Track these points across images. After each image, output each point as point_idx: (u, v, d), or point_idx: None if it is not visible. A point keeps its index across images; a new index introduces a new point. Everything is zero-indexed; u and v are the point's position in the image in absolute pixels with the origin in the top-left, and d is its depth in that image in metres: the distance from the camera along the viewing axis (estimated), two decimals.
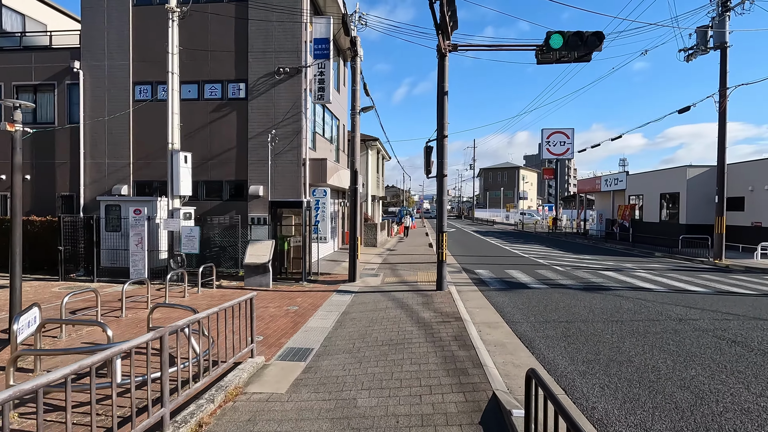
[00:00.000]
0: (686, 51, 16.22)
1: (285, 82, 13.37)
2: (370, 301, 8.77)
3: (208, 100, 13.73)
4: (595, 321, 6.93)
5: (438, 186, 9.69)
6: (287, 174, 13.40)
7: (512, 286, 10.32)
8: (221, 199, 13.79)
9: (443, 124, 9.54)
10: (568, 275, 12.09)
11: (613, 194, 30.31)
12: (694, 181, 22.37)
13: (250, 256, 10.83)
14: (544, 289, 9.86)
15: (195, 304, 8.59)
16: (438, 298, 8.83)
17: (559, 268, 13.57)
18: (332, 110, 17.43)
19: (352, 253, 11.41)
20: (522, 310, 7.83)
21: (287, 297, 9.46)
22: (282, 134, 13.37)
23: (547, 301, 8.58)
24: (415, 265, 14.33)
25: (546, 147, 38.96)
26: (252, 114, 13.46)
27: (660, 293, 9.44)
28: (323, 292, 9.97)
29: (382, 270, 13.53)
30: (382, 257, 16.99)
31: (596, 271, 13.10)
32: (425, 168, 10.32)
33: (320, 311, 8.07)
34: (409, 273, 12.69)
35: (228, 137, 13.64)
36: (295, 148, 13.36)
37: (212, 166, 13.73)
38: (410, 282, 11.06)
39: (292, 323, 7.24)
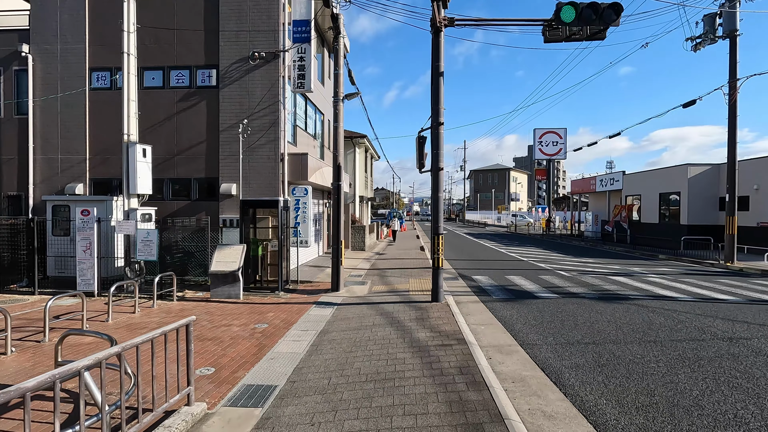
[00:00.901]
0: (693, 40, 15.23)
1: (261, 68, 11.99)
2: (355, 316, 7.42)
3: (175, 88, 12.28)
4: (629, 342, 5.68)
5: (432, 181, 8.41)
6: (263, 171, 11.99)
7: (518, 296, 9.06)
8: (190, 199, 12.33)
9: (438, 110, 8.27)
10: (576, 281, 10.88)
11: (608, 195, 29.42)
12: (696, 180, 21.46)
13: (217, 263, 9.41)
14: (554, 299, 8.61)
15: (141, 324, 7.15)
16: (434, 311, 7.51)
17: (564, 273, 12.37)
18: (316, 103, 16.08)
19: (335, 259, 10.05)
20: (535, 327, 6.55)
21: (257, 311, 8.06)
22: (258, 126, 11.97)
23: (563, 314, 7.32)
24: (406, 272, 13.02)
25: (538, 147, 38.00)
26: (224, 104, 12.04)
27: (686, 302, 8.26)
28: (301, 305, 8.59)
29: (370, 277, 12.19)
30: (370, 262, 15.65)
31: (605, 276, 11.92)
32: (418, 161, 9.04)
33: (294, 330, 6.70)
34: (400, 280, 11.37)
35: (197, 130, 12.20)
36: (272, 141, 11.97)
37: (179, 162, 12.27)
38: (401, 291, 9.74)
39: (257, 347, 5.85)
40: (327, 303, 8.73)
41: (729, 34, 14.55)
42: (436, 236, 8.22)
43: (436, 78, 8.27)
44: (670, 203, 23.03)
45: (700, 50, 15.09)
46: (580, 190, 35.07)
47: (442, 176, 8.33)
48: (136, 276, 9.95)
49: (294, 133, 13.62)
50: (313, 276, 12.18)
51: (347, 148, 21.75)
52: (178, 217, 12.00)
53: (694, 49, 15.26)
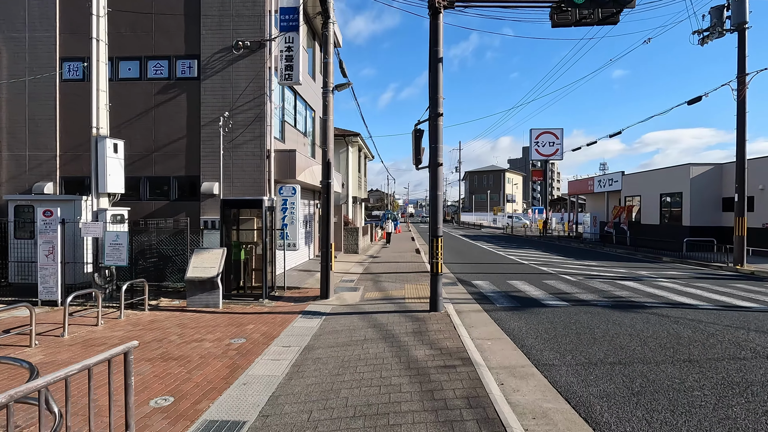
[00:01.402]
0: (700, 33, 14.61)
1: (245, 58, 11.17)
2: (344, 329, 6.61)
3: (153, 79, 11.42)
4: (659, 361, 4.92)
5: (431, 178, 7.62)
6: (248, 168, 11.16)
7: (524, 304, 8.29)
8: (168, 199, 11.46)
9: (437, 99, 7.49)
10: (584, 287, 10.14)
11: (607, 195, 28.85)
12: (698, 180, 20.86)
13: (193, 269, 8.56)
14: (564, 308, 7.85)
15: (101, 339, 6.29)
16: (433, 323, 6.72)
17: (569, 278, 11.63)
18: (306, 99, 15.27)
19: (324, 264, 9.24)
20: (549, 342, 5.77)
21: (236, 323, 7.22)
22: (242, 121, 11.14)
23: (577, 326, 6.55)
24: (401, 276, 12.22)
25: (535, 148, 37.47)
26: (205, 96, 11.20)
27: (709, 311, 7.53)
28: (285, 315, 7.77)
29: (363, 282, 11.38)
30: (363, 266, 14.84)
31: (613, 281, 11.20)
32: (414, 157, 8.25)
33: (274, 346, 5.88)
34: (395, 286, 10.58)
35: (177, 124, 11.34)
36: (258, 137, 11.14)
37: (158, 159, 11.40)
38: (396, 299, 8.94)
39: (229, 368, 5.03)
40: (314, 312, 7.91)
41: (738, 26, 13.94)
42: (435, 239, 7.44)
43: (435, 64, 7.50)
44: (672, 204, 22.43)
45: (707, 44, 14.47)
46: (577, 191, 34.50)
47: (441, 172, 7.56)
48: (106, 283, 9.09)
49: (282, 129, 12.81)
50: (302, 281, 11.35)
51: (339, 146, 20.94)
52: (155, 218, 11.15)
53: (701, 42, 14.64)
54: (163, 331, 6.68)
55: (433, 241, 7.47)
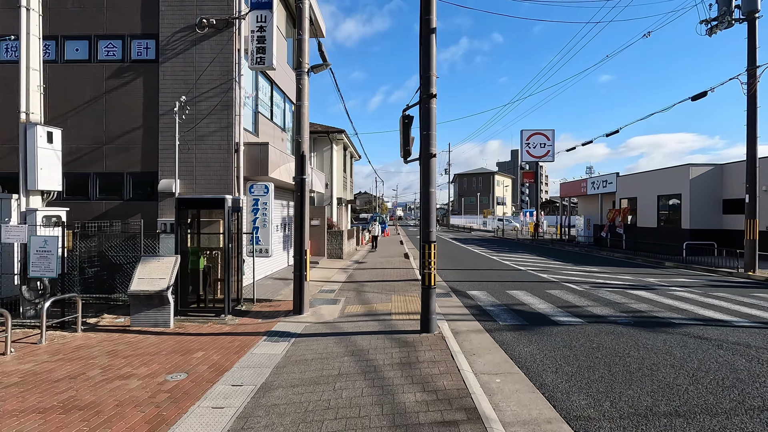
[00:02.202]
0: (708, 23, 13.67)
1: (211, 38, 9.82)
2: (316, 357, 5.31)
3: (104, 62, 9.99)
4: (730, 411, 3.72)
5: (422, 172, 6.36)
6: (213, 163, 9.80)
7: (531, 321, 7.06)
8: (122, 199, 10.02)
9: (429, 78, 6.25)
10: (593, 298, 8.98)
11: (601, 198, 27.97)
12: (698, 181, 19.99)
13: (139, 280, 7.17)
14: (580, 326, 6.65)
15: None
16: (426, 349, 5.45)
17: (574, 287, 10.47)
18: (285, 90, 13.95)
19: (298, 273, 7.91)
20: (574, 378, 4.54)
21: (183, 349, 5.86)
22: (206, 110, 9.78)
23: (603, 353, 5.34)
24: (388, 286, 10.93)
25: (526, 149, 36.64)
26: (165, 81, 9.82)
27: (750, 330, 6.40)
28: (247, 336, 6.42)
29: (345, 292, 10.06)
30: (347, 273, 13.52)
31: (623, 290, 10.07)
32: (402, 148, 6.98)
33: (221, 385, 4.54)
34: (381, 297, 9.29)
35: (132, 113, 9.93)
36: (225, 128, 9.79)
37: (110, 152, 9.97)
38: (381, 314, 7.65)
39: (149, 425, 3.68)
40: (282, 333, 6.57)
41: (748, 15, 13.03)
42: (427, 245, 6.17)
43: (427, 35, 6.25)
44: (670, 206, 21.55)
45: (716, 34, 13.52)
46: (569, 194, 33.66)
47: (434, 165, 6.31)
48: (38, 297, 7.63)
49: (255, 121, 11.46)
50: (276, 292, 9.99)
51: (323, 144, 19.63)
52: (106, 220, 9.71)
53: (709, 33, 13.69)
54: (85, 363, 5.29)
55: (424, 247, 6.21)
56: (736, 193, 19.10)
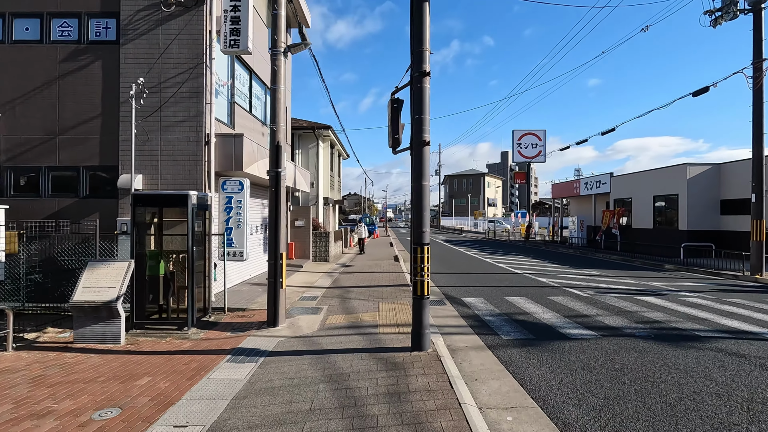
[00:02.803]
0: (713, 14, 13.03)
1: (178, 18, 8.83)
2: (285, 385, 4.37)
3: (58, 43, 8.94)
4: None
5: (414, 163, 5.46)
6: (180, 157, 8.80)
7: (538, 334, 6.20)
8: (77, 196, 8.96)
9: (422, 53, 5.36)
10: (601, 306, 8.16)
11: (594, 198, 27.40)
12: (696, 181, 19.42)
13: (84, 290, 6.15)
14: (594, 341, 5.80)
15: None
16: (419, 373, 4.54)
17: (578, 293, 9.66)
18: (265, 81, 12.96)
19: (272, 280, 6.96)
20: (602, 413, 3.67)
21: (126, 374, 4.87)
22: (173, 97, 8.79)
23: (629, 375, 4.49)
24: (375, 292, 10.01)
25: (517, 149, 36.02)
26: (126, 65, 8.79)
27: None
28: (208, 356, 5.45)
29: (328, 300, 9.11)
30: (332, 277, 12.56)
31: (631, 296, 9.29)
32: (390, 137, 6.07)
33: (159, 426, 3.58)
34: (367, 306, 8.36)
35: (89, 101, 8.88)
36: (194, 117, 8.80)
37: (63, 144, 8.91)
38: (367, 326, 6.73)
39: None
40: (250, 351, 5.61)
41: (754, 6, 12.42)
42: (420, 248, 5.26)
43: (419, 4, 5.37)
44: (667, 207, 20.98)
45: (720, 25, 12.88)
46: (562, 194, 33.09)
47: (427, 154, 5.41)
48: None
49: (231, 112, 10.48)
50: (251, 300, 9.01)
51: (308, 141, 18.65)
52: (60, 219, 8.65)
53: (714, 24, 13.05)
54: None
55: (416, 250, 5.30)
56: (735, 194, 18.58)
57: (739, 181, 18.38)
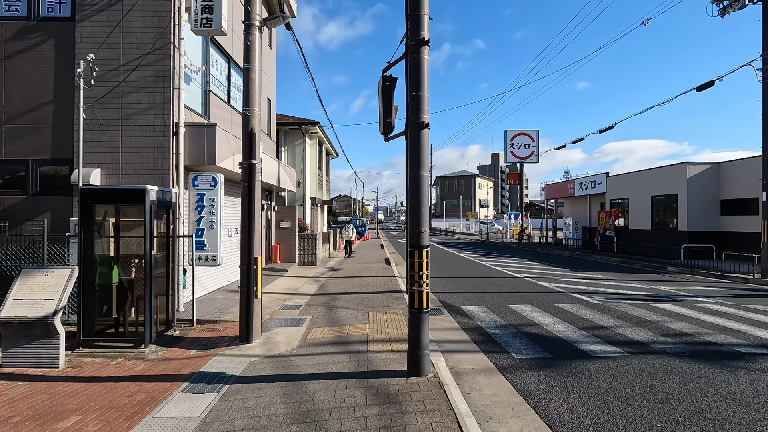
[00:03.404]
0: (720, 2, 12.38)
1: None
2: (248, 427, 3.42)
3: (4, 19, 7.89)
4: None
5: (410, 149, 4.54)
6: (144, 149, 7.79)
7: (555, 352, 5.32)
8: (26, 193, 7.90)
9: (420, 18, 4.46)
10: (617, 315, 7.34)
11: (589, 199, 26.79)
12: (696, 180, 18.83)
13: (15, 303, 5.14)
14: (622, 360, 4.94)
15: None
16: (418, 410, 3.63)
17: (586, 299, 8.84)
18: None
19: (245, 289, 6.01)
20: None
21: (51, 411, 3.87)
22: (136, 82, 7.79)
23: (681, 411, 3.62)
24: (366, 299, 9.07)
25: (510, 150, 35.36)
26: (83, 45, 7.77)
27: None
28: (160, 384, 4.47)
29: (313, 309, 8.15)
30: (318, 282, 11.59)
31: (645, 303, 8.49)
32: (382, 120, 5.15)
33: None
34: (356, 316, 7.42)
35: (39, 85, 7.85)
36: (160, 105, 7.81)
37: (10, 134, 7.85)
38: (355, 342, 5.80)
39: None
40: (214, 377, 4.64)
41: None
42: (417, 251, 4.35)
43: None
44: (666, 207, 20.38)
45: (729, 15, 12.23)
46: (556, 195, 32.52)
47: (426, 139, 4.50)
48: None
49: (205, 101, 9.49)
50: (225, 310, 8.02)
51: (295, 138, 17.66)
52: (3, 219, 7.58)
53: (722, 13, 12.40)
54: None
55: (413, 254, 4.38)
56: (735, 193, 18.04)
57: (740, 181, 17.83)
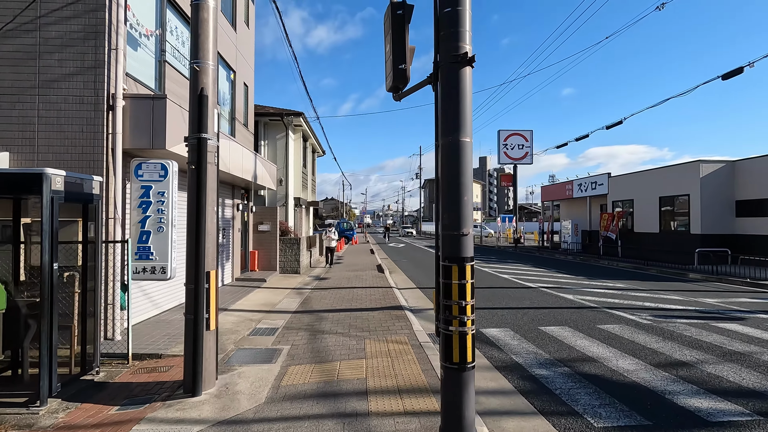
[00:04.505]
0: None
1: None
2: None
3: None
4: None
5: (442, 101, 2.80)
6: (70, 126, 5.92)
7: (649, 415, 3.62)
8: None
9: None
10: (690, 343, 5.72)
11: (589, 201, 25.47)
12: (709, 180, 17.52)
13: None
14: (754, 427, 3.27)
15: None
16: None
17: (631, 317, 7.21)
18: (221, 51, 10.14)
19: (191, 318, 4.21)
20: None
21: None
22: (59, 37, 5.93)
23: None
24: (359, 319, 7.28)
25: (503, 150, 34.00)
26: None
27: None
28: None
29: (292, 334, 6.33)
30: (301, 296, 9.76)
31: (707, 323, 6.89)
32: (392, 69, 3.41)
33: None
34: (348, 346, 5.63)
35: None
36: (91, 69, 5.96)
37: None
38: (349, 394, 4.02)
39: None
40: None
41: None
42: (458, 267, 2.60)
43: None
44: (676, 208, 19.05)
45: None
46: (553, 197, 31.22)
47: (468, 81, 2.77)
48: None
49: (160, 74, 7.64)
50: (177, 337, 6.16)
51: (277, 130, 15.80)
52: None
53: None
54: None
55: (450, 272, 2.64)
56: (752, 194, 16.80)
57: (756, 180, 16.61)
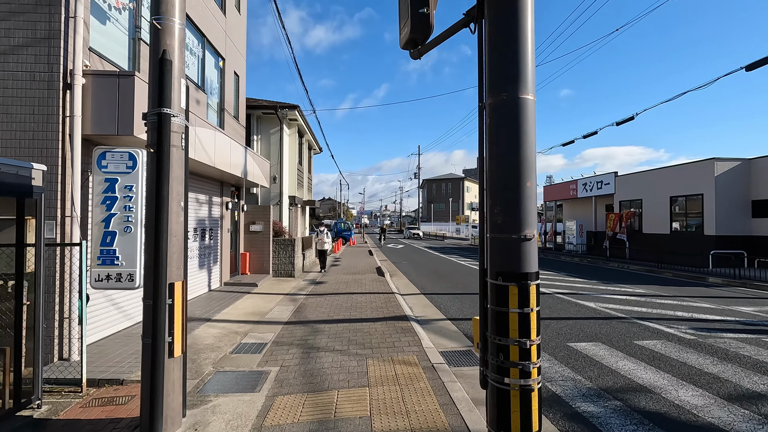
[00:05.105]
0: None
1: None
2: None
3: None
4: None
5: (490, 45, 1.92)
6: (18, 108, 5.01)
7: None
8: None
9: None
10: (749, 365, 4.88)
11: (594, 201, 24.69)
12: (724, 178, 16.72)
13: None
14: None
15: None
16: None
17: (669, 331, 6.36)
18: (203, 30, 9.29)
19: (149, 342, 3.29)
20: None
21: None
22: (7, 3, 5.02)
23: None
24: (359, 332, 6.39)
25: None
26: None
27: None
28: None
29: (282, 351, 5.42)
30: (295, 302, 8.86)
31: (759, 338, 6.05)
32: (410, 16, 2.55)
33: None
34: (348, 368, 4.75)
35: None
36: (44, 40, 5.05)
37: None
38: None
39: None
40: None
41: None
42: (520, 289, 1.71)
43: None
44: (689, 209, 18.25)
45: None
46: (556, 197, 30.41)
47: (531, 17, 1.88)
48: None
49: (134, 54, 6.74)
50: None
51: (270, 124, 14.89)
52: None
53: None
54: None
55: (502, 295, 1.76)
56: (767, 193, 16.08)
57: None
